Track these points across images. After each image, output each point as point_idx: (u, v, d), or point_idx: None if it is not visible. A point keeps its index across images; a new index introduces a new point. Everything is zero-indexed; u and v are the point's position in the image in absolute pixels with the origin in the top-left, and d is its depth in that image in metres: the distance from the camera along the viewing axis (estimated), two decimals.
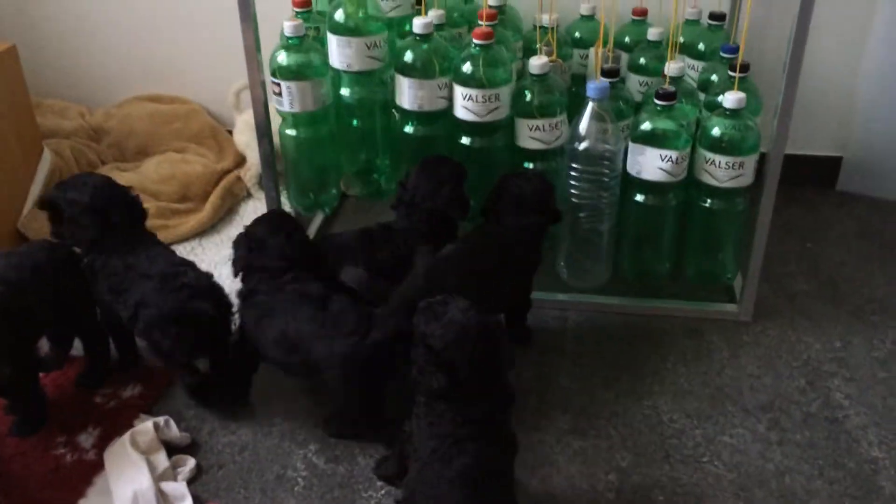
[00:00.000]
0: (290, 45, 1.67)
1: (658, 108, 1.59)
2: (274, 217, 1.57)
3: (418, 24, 1.63)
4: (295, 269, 1.48)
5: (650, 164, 1.60)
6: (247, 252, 1.49)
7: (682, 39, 1.85)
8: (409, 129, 1.71)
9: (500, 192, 1.57)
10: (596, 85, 1.56)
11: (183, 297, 1.42)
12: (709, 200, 1.65)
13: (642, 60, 1.83)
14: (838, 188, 2.25)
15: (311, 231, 2.04)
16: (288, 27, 1.65)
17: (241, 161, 2.26)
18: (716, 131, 1.58)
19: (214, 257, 1.96)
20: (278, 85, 1.67)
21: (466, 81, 1.62)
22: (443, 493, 1.17)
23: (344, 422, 1.47)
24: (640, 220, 1.70)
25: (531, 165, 1.68)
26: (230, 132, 2.35)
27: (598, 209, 1.64)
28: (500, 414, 1.21)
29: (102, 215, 1.49)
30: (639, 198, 1.67)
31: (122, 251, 1.49)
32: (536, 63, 1.62)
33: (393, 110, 1.74)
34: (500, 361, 1.20)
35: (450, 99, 1.66)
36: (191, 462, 1.42)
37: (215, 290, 1.48)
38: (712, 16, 1.87)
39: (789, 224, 2.07)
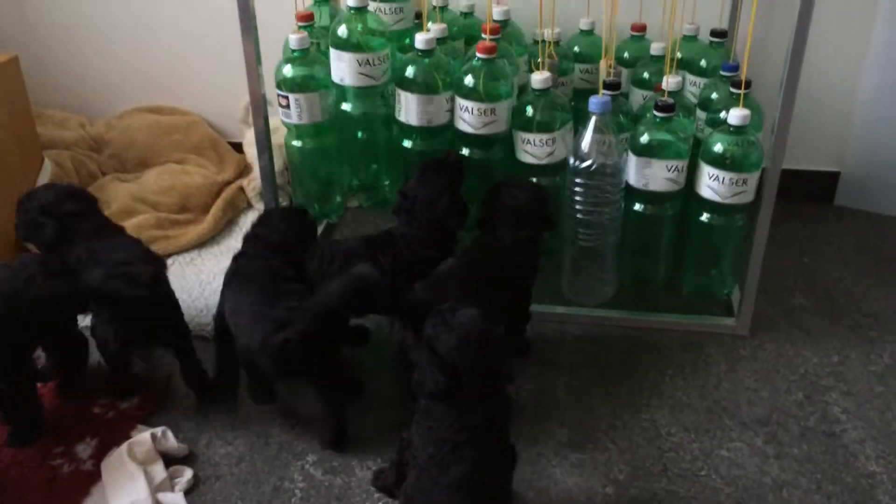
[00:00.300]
0: (295, 57, 1.68)
1: (657, 119, 1.60)
2: (292, 209, 1.70)
3: (420, 39, 1.63)
4: (288, 254, 1.53)
5: (657, 175, 1.61)
6: (254, 225, 1.61)
7: (683, 56, 1.86)
8: (407, 143, 1.72)
9: (493, 202, 1.58)
10: (598, 100, 1.57)
11: (120, 286, 1.43)
12: (708, 216, 1.66)
13: (645, 75, 1.84)
14: (836, 203, 2.25)
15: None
16: (293, 40, 1.66)
17: (241, 172, 2.27)
18: (719, 147, 1.59)
19: (214, 268, 1.96)
20: (286, 97, 1.68)
21: (467, 94, 1.63)
22: (439, 500, 1.18)
23: (330, 429, 1.48)
24: (640, 229, 1.70)
25: (534, 180, 1.68)
26: (231, 144, 2.36)
27: (602, 224, 1.65)
28: (499, 419, 1.22)
29: (55, 208, 1.54)
30: (637, 207, 1.68)
31: (87, 238, 1.53)
32: (538, 78, 1.63)
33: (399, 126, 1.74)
34: (501, 368, 1.21)
35: (454, 112, 1.67)
36: (188, 473, 1.42)
37: (159, 284, 1.50)
38: (713, 33, 1.88)
39: (787, 239, 2.07)
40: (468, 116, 1.63)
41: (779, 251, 2.00)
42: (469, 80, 1.62)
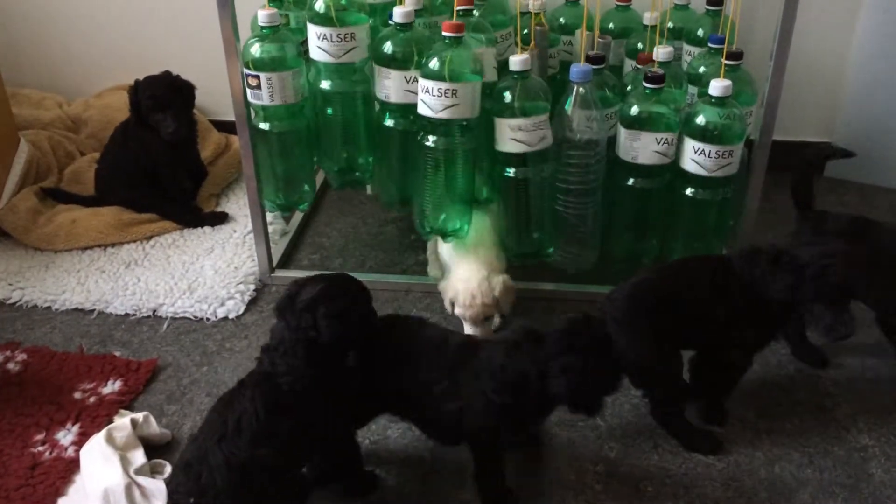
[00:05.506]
0: (265, 34, 1.61)
1: (647, 91, 1.57)
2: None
3: (398, 13, 1.57)
4: None
5: (646, 148, 1.58)
6: None
7: (678, 25, 1.83)
8: (389, 122, 1.66)
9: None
10: (579, 68, 1.53)
11: None
12: (694, 189, 1.63)
13: (639, 45, 1.80)
14: (826, 174, 2.24)
15: (294, 225, 2.02)
16: (262, 16, 1.59)
17: (222, 151, 2.24)
18: (701, 120, 1.56)
19: (197, 249, 1.93)
20: (256, 77, 1.61)
21: (428, 74, 1.52)
22: None
23: None
24: (630, 203, 1.67)
25: (512, 170, 1.61)
26: (212, 122, 2.33)
27: (584, 192, 1.61)
28: None
29: None
30: (629, 181, 1.64)
31: None
32: (516, 60, 1.54)
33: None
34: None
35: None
36: (168, 468, 1.36)
37: None
38: (709, 1, 1.84)
39: (777, 210, 2.05)
40: (428, 97, 1.52)
41: (768, 222, 1.97)
42: (434, 62, 1.51)
